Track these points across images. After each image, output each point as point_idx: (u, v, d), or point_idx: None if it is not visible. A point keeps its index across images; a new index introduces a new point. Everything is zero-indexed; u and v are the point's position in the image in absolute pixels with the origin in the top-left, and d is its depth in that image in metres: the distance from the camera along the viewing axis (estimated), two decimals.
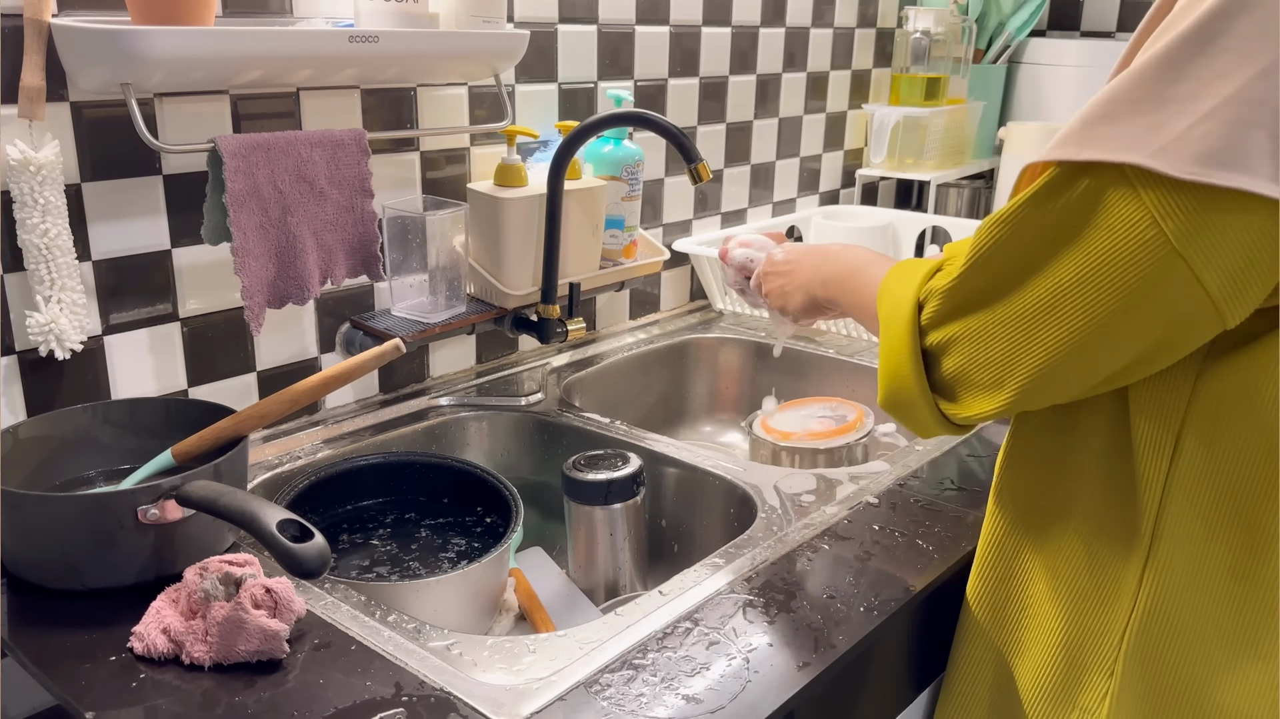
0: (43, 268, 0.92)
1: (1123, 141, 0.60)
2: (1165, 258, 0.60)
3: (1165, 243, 0.60)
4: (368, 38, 1.02)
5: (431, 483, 1.13)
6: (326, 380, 0.92)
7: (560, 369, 1.41)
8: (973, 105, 2.08)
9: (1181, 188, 0.59)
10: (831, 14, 1.86)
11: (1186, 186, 0.58)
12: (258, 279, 1.02)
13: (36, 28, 0.89)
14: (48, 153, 0.90)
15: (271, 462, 1.10)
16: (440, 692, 0.72)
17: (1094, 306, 0.63)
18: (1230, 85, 0.57)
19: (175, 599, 0.79)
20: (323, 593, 0.84)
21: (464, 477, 1.11)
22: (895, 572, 0.89)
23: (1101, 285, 0.63)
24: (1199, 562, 0.70)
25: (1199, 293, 0.61)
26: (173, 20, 0.90)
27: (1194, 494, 0.70)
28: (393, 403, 1.26)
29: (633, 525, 1.10)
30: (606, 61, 1.45)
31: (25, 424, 0.92)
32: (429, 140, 1.26)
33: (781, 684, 0.74)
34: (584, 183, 1.34)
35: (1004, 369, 0.69)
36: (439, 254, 1.21)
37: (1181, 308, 0.62)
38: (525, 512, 1.03)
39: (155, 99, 1.00)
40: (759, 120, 1.77)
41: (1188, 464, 0.70)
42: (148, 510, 0.80)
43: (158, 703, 0.71)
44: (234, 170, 0.98)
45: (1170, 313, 0.62)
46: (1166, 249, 0.60)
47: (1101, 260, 0.62)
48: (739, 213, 1.79)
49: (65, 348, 0.95)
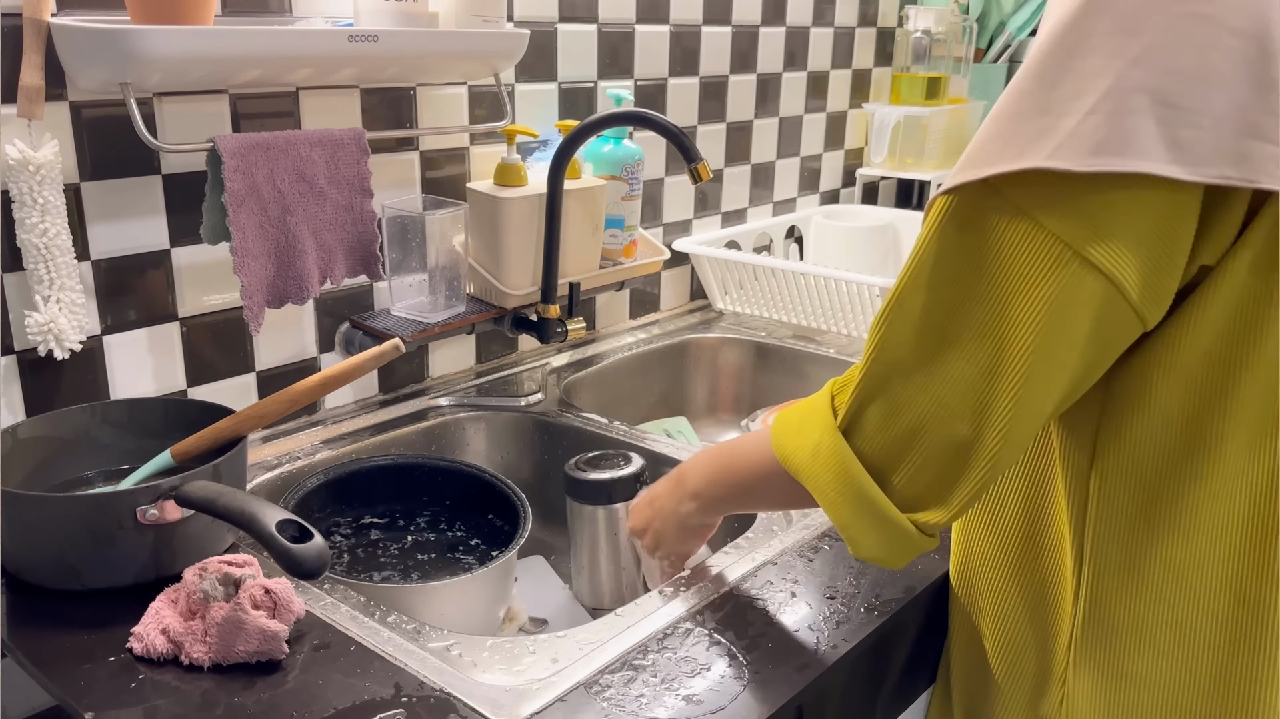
0: (42, 267, 0.92)
1: (1018, 150, 0.59)
2: (1074, 268, 0.59)
3: (1070, 252, 0.59)
4: (367, 37, 1.02)
5: (438, 486, 1.12)
6: (326, 380, 0.92)
7: (560, 369, 1.41)
8: (973, 105, 2.08)
9: (1077, 189, 0.58)
10: (832, 13, 1.86)
11: (1082, 185, 0.58)
12: (257, 279, 1.02)
13: (36, 27, 0.89)
14: (47, 152, 0.90)
15: (270, 462, 1.10)
16: (440, 692, 0.72)
17: (1024, 337, 0.61)
18: (1106, 79, 0.57)
19: (174, 600, 0.78)
20: (322, 593, 0.84)
21: (470, 480, 1.11)
22: (895, 572, 0.89)
23: (1022, 316, 0.60)
24: (1129, 561, 0.70)
25: (1114, 295, 0.60)
26: (172, 20, 0.90)
27: (1114, 494, 0.69)
28: (392, 403, 1.26)
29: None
30: (606, 61, 1.45)
31: (24, 424, 0.92)
32: (428, 140, 1.25)
33: (782, 685, 0.74)
34: (584, 182, 1.34)
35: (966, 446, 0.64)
36: (438, 254, 1.21)
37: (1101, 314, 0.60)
38: None
39: (154, 98, 0.99)
40: (759, 120, 1.77)
41: (1101, 464, 0.69)
42: (147, 511, 0.80)
43: (157, 703, 0.71)
44: (233, 170, 0.98)
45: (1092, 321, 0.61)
46: (1072, 257, 0.59)
47: (1014, 288, 0.60)
48: (739, 212, 1.79)
49: (64, 348, 0.94)
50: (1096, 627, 0.73)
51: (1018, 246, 0.60)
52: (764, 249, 1.84)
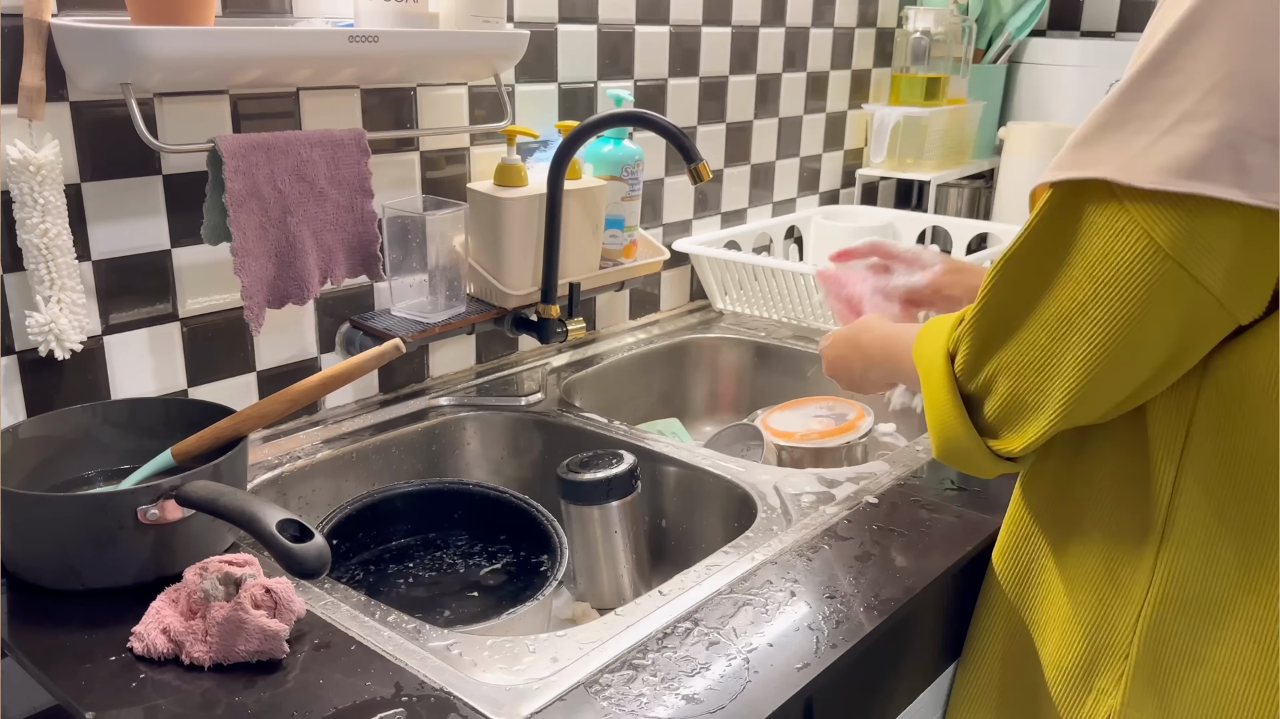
0: (42, 268, 0.92)
1: (1093, 159, 0.64)
2: (1162, 265, 0.63)
3: (1158, 250, 0.63)
4: (367, 37, 1.02)
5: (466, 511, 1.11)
6: (326, 380, 0.92)
7: (560, 369, 1.41)
8: (973, 105, 2.08)
9: (1161, 199, 0.62)
10: (831, 14, 1.86)
11: (1166, 197, 0.62)
12: (257, 279, 1.02)
13: (36, 27, 0.89)
14: (47, 153, 0.90)
15: (271, 462, 1.10)
16: (440, 692, 0.72)
17: (1109, 322, 0.66)
18: (1185, 102, 0.61)
19: (175, 599, 0.78)
20: (322, 593, 0.84)
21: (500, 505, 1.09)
22: (895, 572, 0.89)
23: (1111, 299, 0.66)
24: (1209, 548, 0.72)
25: (1203, 295, 0.63)
26: (172, 20, 0.90)
27: (1204, 482, 0.72)
28: (392, 403, 1.26)
29: (632, 524, 1.10)
30: (606, 61, 1.45)
31: (25, 424, 0.92)
32: (429, 140, 1.25)
33: (782, 684, 0.74)
34: (584, 183, 1.34)
35: (1040, 395, 0.72)
36: (439, 254, 1.21)
37: (1190, 311, 0.64)
38: None
39: (155, 99, 1.00)
40: (759, 120, 1.77)
41: (1197, 452, 0.72)
42: (147, 510, 0.80)
43: (157, 703, 0.71)
44: (234, 170, 0.98)
45: (1181, 317, 0.65)
46: (1161, 256, 0.63)
47: (1106, 276, 0.65)
48: (739, 213, 1.79)
49: (65, 348, 0.94)
50: (1170, 610, 0.74)
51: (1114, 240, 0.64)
52: (764, 249, 1.84)
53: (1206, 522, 0.72)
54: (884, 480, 1.06)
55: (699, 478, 1.14)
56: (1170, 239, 0.62)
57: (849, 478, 1.07)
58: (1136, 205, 0.63)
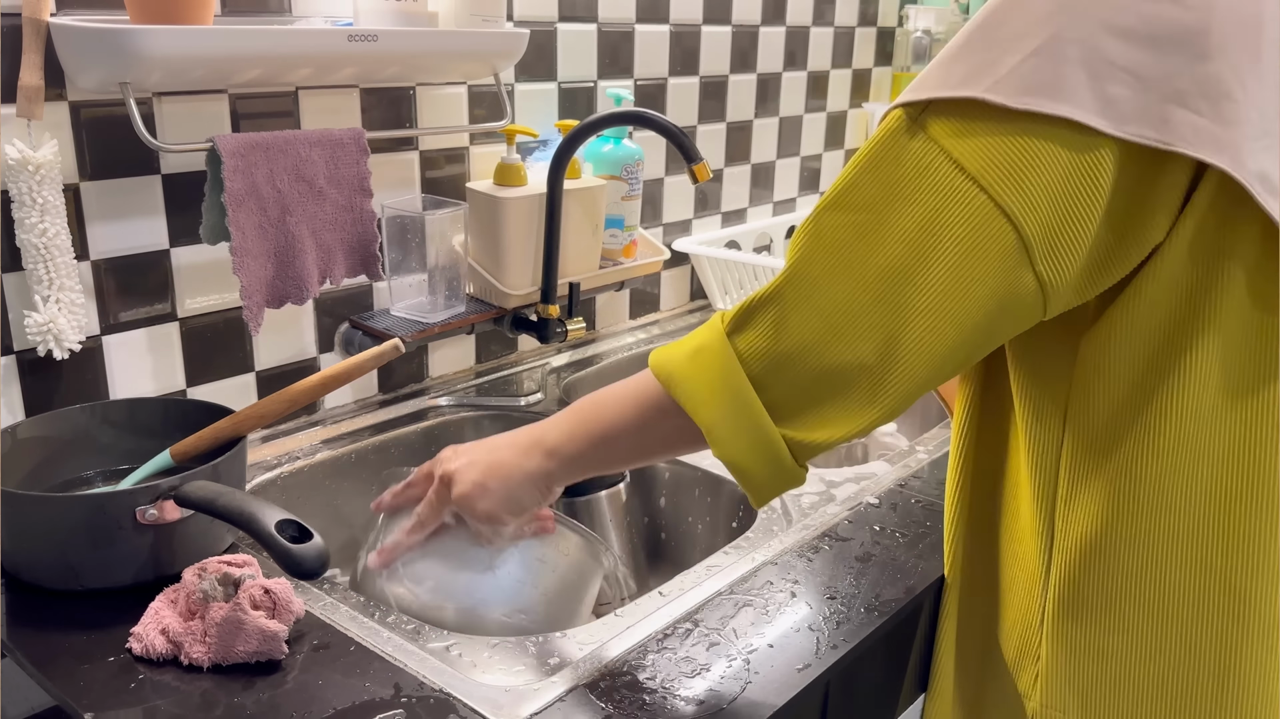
0: (41, 267, 0.92)
1: (960, 79, 0.61)
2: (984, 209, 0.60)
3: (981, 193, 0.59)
4: (367, 37, 1.02)
5: None
6: (325, 380, 0.92)
7: (560, 369, 1.41)
8: None
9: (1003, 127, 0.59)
10: (832, 13, 1.86)
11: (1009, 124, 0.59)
12: (256, 279, 1.02)
13: (35, 27, 0.89)
14: (46, 152, 0.90)
15: (270, 462, 1.09)
16: (440, 693, 0.72)
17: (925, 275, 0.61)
18: (1051, 26, 0.59)
19: (174, 600, 0.78)
20: (321, 594, 0.84)
21: None
22: (895, 572, 0.89)
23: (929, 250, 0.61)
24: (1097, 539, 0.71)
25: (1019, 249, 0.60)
26: (171, 19, 0.89)
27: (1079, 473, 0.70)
28: (392, 403, 1.26)
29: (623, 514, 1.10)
30: (606, 60, 1.45)
31: (24, 424, 0.92)
32: (428, 139, 1.25)
33: (782, 685, 0.74)
34: (584, 182, 1.34)
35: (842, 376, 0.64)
36: (438, 254, 1.21)
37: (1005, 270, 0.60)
38: None
39: (154, 98, 0.99)
40: (759, 119, 1.77)
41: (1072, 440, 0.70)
42: (146, 511, 0.80)
43: (156, 704, 0.71)
44: (233, 170, 0.98)
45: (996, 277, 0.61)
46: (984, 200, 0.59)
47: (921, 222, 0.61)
48: (739, 212, 1.79)
49: (64, 348, 0.94)
50: (1067, 604, 0.73)
51: (931, 180, 0.61)
52: (764, 249, 1.84)
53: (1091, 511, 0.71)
54: (884, 481, 1.06)
55: (699, 478, 1.14)
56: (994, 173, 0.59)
57: (849, 478, 1.07)
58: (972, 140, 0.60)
